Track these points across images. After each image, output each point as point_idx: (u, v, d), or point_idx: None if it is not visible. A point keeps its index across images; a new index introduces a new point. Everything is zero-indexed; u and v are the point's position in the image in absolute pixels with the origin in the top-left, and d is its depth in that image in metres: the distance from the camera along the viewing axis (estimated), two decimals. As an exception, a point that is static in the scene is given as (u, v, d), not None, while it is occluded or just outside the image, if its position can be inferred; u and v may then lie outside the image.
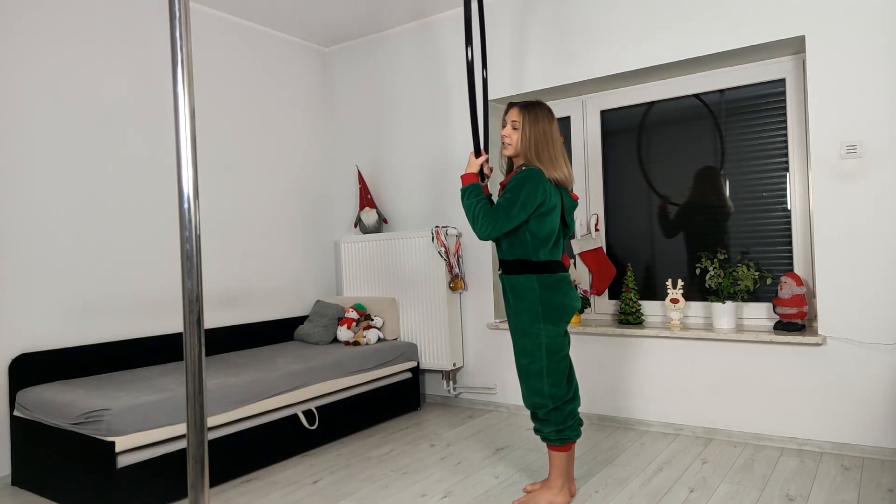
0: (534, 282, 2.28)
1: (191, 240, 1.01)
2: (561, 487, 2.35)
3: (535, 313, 2.28)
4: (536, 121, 2.32)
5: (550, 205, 2.27)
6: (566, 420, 2.31)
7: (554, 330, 2.30)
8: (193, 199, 1.01)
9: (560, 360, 2.32)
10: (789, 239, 3.15)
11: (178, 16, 1.00)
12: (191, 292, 1.02)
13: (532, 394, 2.32)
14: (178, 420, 2.51)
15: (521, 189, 2.21)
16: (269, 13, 3.87)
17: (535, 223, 2.27)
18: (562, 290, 2.31)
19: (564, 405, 2.32)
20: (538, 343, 2.29)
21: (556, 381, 2.30)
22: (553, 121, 2.36)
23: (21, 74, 2.91)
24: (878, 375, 2.73)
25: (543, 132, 2.31)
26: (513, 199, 2.21)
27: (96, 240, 3.14)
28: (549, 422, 2.31)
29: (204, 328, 1.04)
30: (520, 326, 2.33)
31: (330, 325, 3.89)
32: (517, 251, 2.31)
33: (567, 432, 2.31)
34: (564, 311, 2.31)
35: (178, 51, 1.00)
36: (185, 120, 1.01)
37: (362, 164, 4.36)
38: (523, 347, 2.32)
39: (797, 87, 3.10)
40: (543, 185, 2.24)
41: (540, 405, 2.31)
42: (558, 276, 2.31)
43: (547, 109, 2.37)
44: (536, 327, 2.29)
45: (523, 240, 2.30)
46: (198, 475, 1.02)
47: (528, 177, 2.23)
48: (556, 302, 2.29)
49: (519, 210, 2.21)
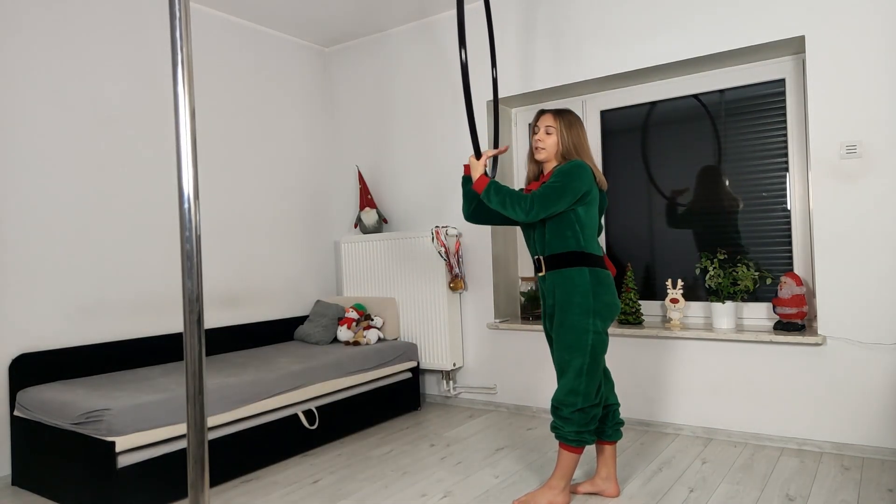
0: (586, 275, 2.26)
1: (191, 240, 1.01)
2: (562, 489, 2.32)
3: (587, 307, 2.24)
4: (571, 126, 2.38)
5: (594, 195, 2.30)
6: (589, 423, 2.27)
7: (602, 326, 2.27)
8: (193, 199, 1.01)
9: (600, 361, 2.28)
10: (789, 239, 3.15)
11: (178, 16, 1.00)
12: (191, 292, 1.02)
13: (566, 390, 2.27)
14: (178, 420, 2.51)
15: (571, 175, 2.23)
16: (270, 13, 3.87)
17: (584, 211, 2.28)
18: (611, 289, 2.31)
19: (591, 408, 2.28)
20: (585, 338, 2.24)
21: (591, 383, 2.26)
22: (584, 128, 2.43)
23: (21, 75, 2.91)
24: (878, 375, 2.73)
25: (578, 136, 2.37)
26: (563, 183, 2.23)
27: (96, 240, 3.14)
28: (571, 421, 2.26)
29: (204, 328, 1.04)
30: (567, 320, 2.27)
31: (330, 325, 3.89)
32: (567, 243, 2.28)
33: (585, 435, 2.27)
34: (612, 309, 2.30)
35: (178, 51, 1.00)
36: (185, 120, 1.01)
37: (362, 164, 4.36)
38: (567, 342, 2.27)
39: (797, 87, 3.10)
40: (589, 175, 2.27)
41: (569, 403, 2.26)
42: (606, 273, 2.32)
43: (577, 117, 2.43)
44: (586, 322, 2.24)
45: (574, 231, 2.28)
46: (198, 475, 1.02)
47: (577, 166, 2.26)
48: (606, 299, 2.27)
49: (568, 194, 2.22)
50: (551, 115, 2.39)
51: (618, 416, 2.43)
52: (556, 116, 2.38)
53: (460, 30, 2.47)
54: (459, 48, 2.48)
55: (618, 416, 2.43)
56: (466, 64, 2.48)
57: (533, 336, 3.66)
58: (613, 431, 2.40)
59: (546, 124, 2.38)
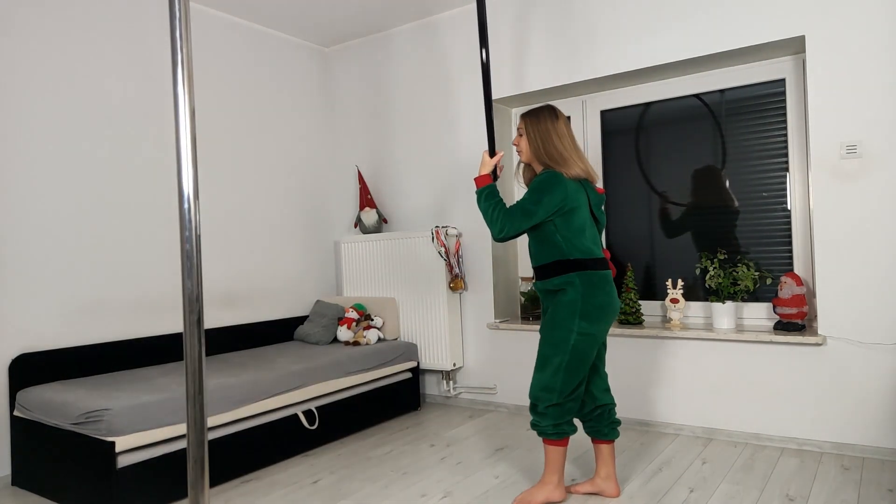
0: (575, 279, 2.27)
1: (191, 240, 1.01)
2: (557, 483, 2.33)
3: (574, 308, 2.25)
4: (538, 121, 2.37)
5: (573, 204, 2.28)
6: (565, 415, 2.30)
7: (588, 327, 2.25)
8: (193, 199, 1.01)
9: (584, 361, 2.28)
10: (789, 239, 3.15)
11: (178, 16, 1.00)
12: (191, 292, 1.02)
13: (541, 386, 2.30)
14: (178, 420, 2.51)
15: (540, 191, 2.25)
16: (270, 13, 3.87)
17: (562, 223, 2.28)
18: (605, 289, 2.29)
19: (567, 402, 2.30)
20: (567, 337, 2.25)
21: (569, 380, 2.27)
22: (556, 119, 2.38)
23: (21, 75, 2.91)
24: (878, 375, 2.73)
25: (546, 130, 2.35)
26: (531, 199, 2.25)
27: (96, 240, 3.14)
28: (547, 416, 2.29)
29: (204, 328, 1.04)
30: (552, 320, 2.30)
31: (330, 325, 3.89)
32: (552, 254, 2.31)
33: (564, 426, 2.30)
34: (605, 310, 2.28)
35: (178, 51, 1.00)
36: (185, 120, 1.01)
37: (362, 164, 4.36)
38: (550, 339, 2.29)
39: (797, 87, 3.10)
40: (563, 186, 2.26)
41: (545, 399, 2.29)
42: (601, 274, 2.30)
43: (549, 109, 2.40)
44: (571, 322, 2.25)
45: (554, 242, 2.30)
46: (198, 475, 1.02)
47: (547, 179, 2.27)
48: (597, 301, 2.26)
49: (536, 209, 2.24)
50: (521, 117, 2.44)
51: (614, 415, 2.43)
52: (523, 117, 2.43)
53: (481, 29, 2.52)
54: (480, 48, 2.54)
55: (614, 415, 2.43)
56: (488, 63, 2.51)
57: (533, 336, 3.66)
58: (610, 431, 2.40)
59: (518, 128, 2.45)
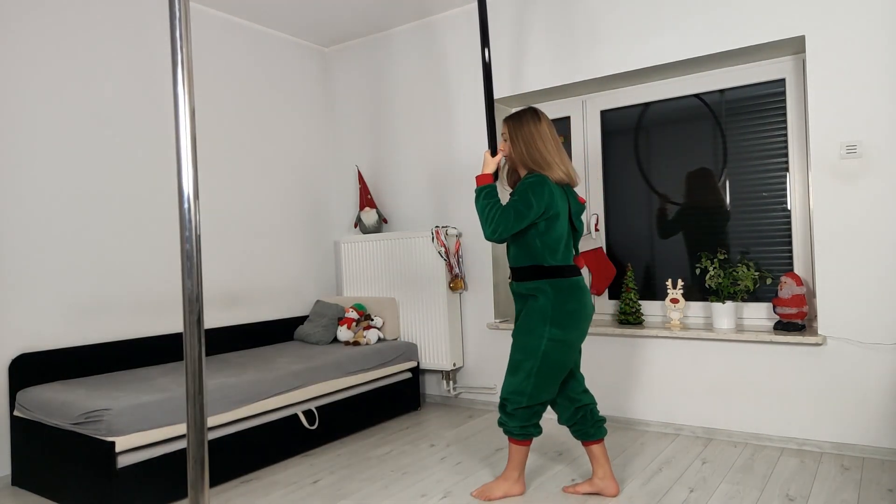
0: (546, 287, 2.31)
1: (191, 240, 1.02)
2: (517, 479, 2.43)
3: (545, 315, 2.29)
4: (520, 125, 2.38)
5: (556, 210, 2.30)
6: (532, 418, 2.36)
7: (560, 334, 2.29)
8: (193, 199, 1.01)
9: (556, 368, 2.31)
10: (789, 239, 3.15)
11: (178, 16, 1.00)
12: (191, 292, 1.02)
13: (512, 388, 2.35)
14: (178, 420, 2.51)
15: (527, 193, 2.27)
16: (270, 13, 3.87)
17: (544, 227, 2.30)
18: (576, 296, 2.32)
19: (536, 405, 2.35)
20: (538, 344, 2.29)
21: (541, 385, 2.31)
22: (539, 121, 2.38)
23: (21, 75, 2.91)
24: (878, 375, 2.73)
25: (529, 133, 2.36)
26: (522, 201, 2.27)
27: (96, 240, 3.14)
28: (515, 417, 2.35)
29: (204, 328, 1.04)
30: (525, 325, 2.34)
31: (330, 325, 3.89)
32: (528, 258, 2.34)
33: (530, 429, 2.37)
34: (576, 316, 2.31)
35: (178, 51, 1.00)
36: (185, 120, 1.01)
37: (362, 164, 4.36)
38: (522, 344, 2.34)
39: (797, 87, 3.10)
40: (548, 189, 2.28)
41: (514, 401, 2.34)
42: (572, 281, 2.33)
43: (532, 112, 2.40)
44: (542, 329, 2.29)
45: (532, 245, 2.32)
46: (198, 475, 1.02)
47: (536, 182, 2.28)
48: (568, 307, 2.30)
49: (528, 212, 2.26)
50: (504, 121, 2.45)
51: (597, 413, 2.44)
52: (506, 121, 2.44)
53: (483, 29, 2.51)
54: (482, 47, 2.54)
55: (597, 413, 2.44)
56: (489, 63, 2.52)
57: (533, 336, 3.65)
58: (596, 430, 2.42)
59: (502, 133, 2.46)
